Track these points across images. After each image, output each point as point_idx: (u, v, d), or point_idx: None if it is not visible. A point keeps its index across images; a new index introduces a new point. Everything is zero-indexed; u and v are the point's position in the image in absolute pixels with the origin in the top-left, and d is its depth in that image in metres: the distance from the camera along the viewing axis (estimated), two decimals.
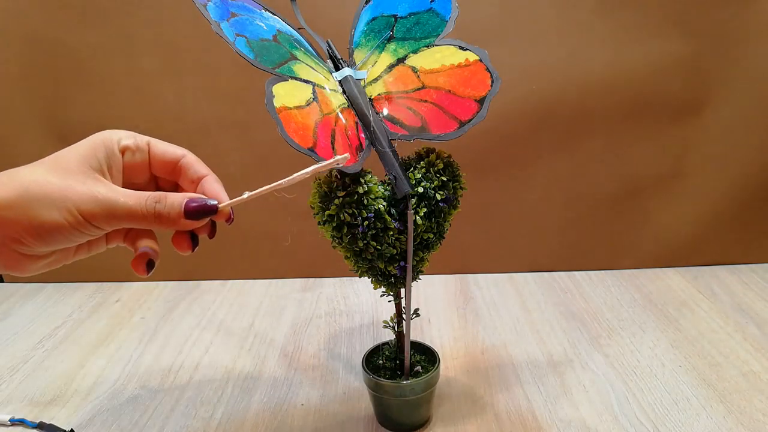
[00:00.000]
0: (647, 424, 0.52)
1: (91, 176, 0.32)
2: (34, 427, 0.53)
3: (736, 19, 0.71)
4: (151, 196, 0.33)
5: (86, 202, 0.31)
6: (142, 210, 0.32)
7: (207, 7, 0.41)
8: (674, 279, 0.79)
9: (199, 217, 0.34)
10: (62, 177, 0.31)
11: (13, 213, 0.29)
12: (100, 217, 0.31)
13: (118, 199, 0.32)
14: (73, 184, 0.31)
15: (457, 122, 0.43)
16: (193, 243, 0.37)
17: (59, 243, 0.32)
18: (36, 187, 0.30)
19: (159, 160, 0.37)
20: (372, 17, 0.49)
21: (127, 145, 0.35)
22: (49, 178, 0.31)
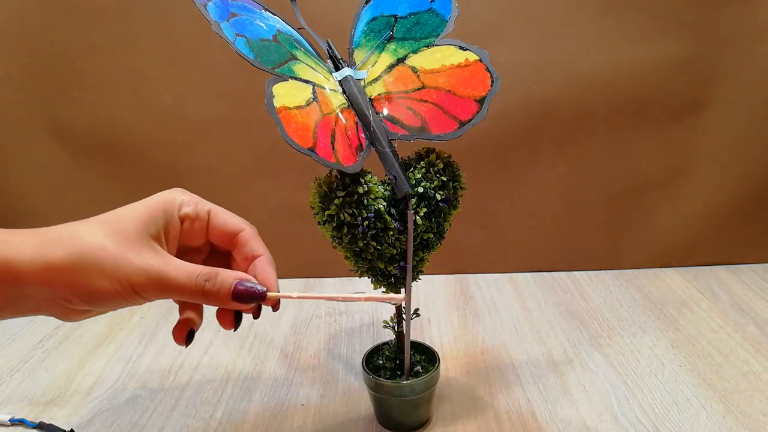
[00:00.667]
0: (647, 424, 0.52)
1: (146, 245, 0.32)
2: (34, 427, 0.53)
3: (736, 19, 0.71)
4: (202, 274, 0.33)
5: (138, 275, 0.31)
6: (191, 286, 0.32)
7: (207, 7, 0.41)
8: (674, 279, 0.79)
9: (246, 302, 0.34)
10: (119, 244, 0.31)
11: (65, 276, 0.29)
12: (149, 290, 0.32)
13: (170, 273, 0.32)
14: (128, 254, 0.31)
15: (457, 122, 0.43)
16: (236, 321, 0.37)
17: (106, 307, 0.33)
18: (91, 253, 0.30)
19: (217, 230, 0.37)
20: (372, 17, 0.49)
21: (188, 214, 0.35)
22: (106, 244, 0.30)
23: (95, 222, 0.32)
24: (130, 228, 0.32)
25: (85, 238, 0.30)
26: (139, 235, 0.32)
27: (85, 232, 0.31)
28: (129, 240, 0.31)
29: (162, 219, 0.33)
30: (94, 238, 0.30)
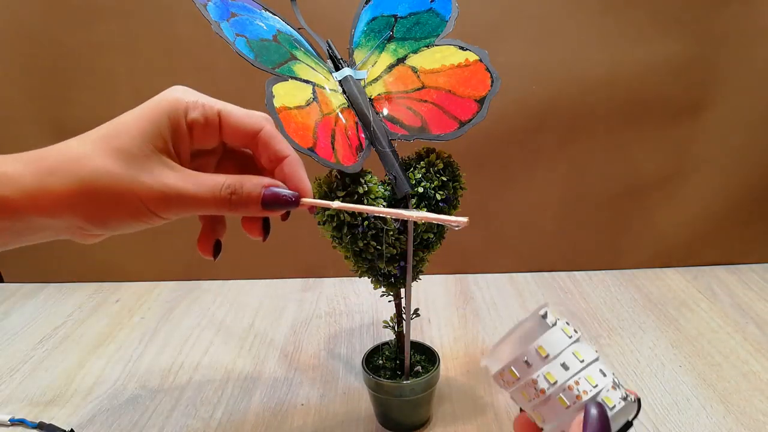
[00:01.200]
0: (647, 424, 0.52)
1: (157, 161, 0.28)
2: (33, 427, 0.53)
3: (736, 20, 0.71)
4: (227, 186, 0.29)
5: (155, 197, 0.28)
6: (216, 200, 0.29)
7: (207, 7, 0.41)
8: (674, 279, 0.79)
9: (277, 209, 0.31)
10: (127, 165, 0.27)
11: (74, 206, 0.27)
12: (169, 210, 0.29)
13: (189, 189, 0.28)
14: (140, 174, 0.27)
15: (457, 122, 0.43)
16: (265, 230, 0.34)
17: (126, 230, 0.30)
18: (98, 179, 0.27)
19: (233, 132, 0.32)
20: (372, 17, 0.49)
21: (196, 119, 0.30)
22: (113, 168, 0.27)
23: (94, 141, 0.28)
24: (135, 144, 0.28)
25: (89, 163, 0.27)
26: (147, 151, 0.28)
27: (86, 156, 0.27)
28: (136, 158, 0.28)
29: (168, 129, 0.29)
30: (97, 161, 0.27)
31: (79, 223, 0.28)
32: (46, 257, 0.84)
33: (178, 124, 0.29)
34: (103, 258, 0.83)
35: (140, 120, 0.28)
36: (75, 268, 0.84)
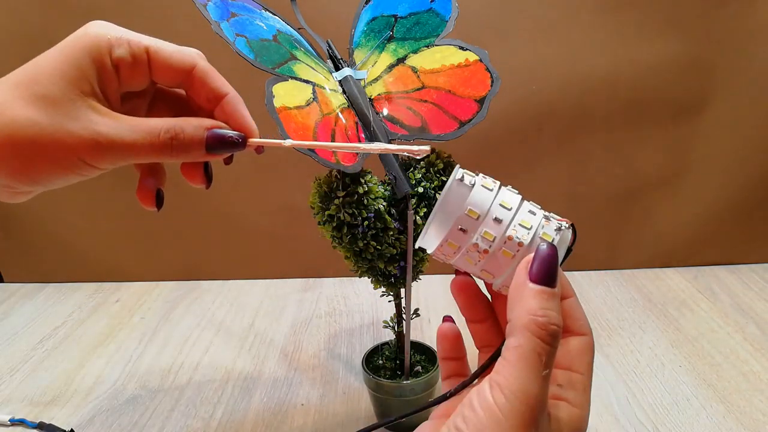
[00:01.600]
0: (647, 424, 0.52)
1: (85, 106, 0.25)
2: (33, 427, 0.53)
3: (736, 19, 0.71)
4: (165, 130, 0.27)
5: (86, 146, 0.25)
6: (154, 147, 0.27)
7: (207, 7, 0.41)
8: (674, 279, 0.79)
9: (222, 152, 0.29)
10: (50, 114, 0.25)
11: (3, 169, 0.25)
12: (103, 160, 0.26)
13: (124, 137, 0.26)
14: (67, 123, 0.25)
15: (457, 122, 0.43)
16: (207, 177, 0.32)
17: (57, 185, 0.27)
18: (19, 131, 0.24)
19: (163, 70, 0.29)
20: (372, 17, 0.49)
21: (122, 57, 0.27)
22: (35, 117, 0.24)
23: (10, 88, 0.25)
24: (58, 89, 0.25)
25: (7, 113, 0.24)
26: (72, 96, 0.25)
27: (3, 105, 0.24)
28: (61, 104, 0.25)
29: (92, 69, 0.26)
30: (17, 111, 0.24)
31: (3, 181, 0.26)
32: (46, 257, 0.84)
33: (102, 64, 0.26)
34: (103, 258, 0.83)
35: (59, 62, 0.25)
36: (75, 268, 0.84)
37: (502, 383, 0.22)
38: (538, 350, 0.22)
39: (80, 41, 0.26)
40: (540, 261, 0.24)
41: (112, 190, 0.78)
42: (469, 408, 0.23)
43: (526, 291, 0.23)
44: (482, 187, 0.26)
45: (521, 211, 0.27)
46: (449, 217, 0.26)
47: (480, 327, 0.30)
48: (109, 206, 0.80)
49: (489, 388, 0.22)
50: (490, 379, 0.23)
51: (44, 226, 0.82)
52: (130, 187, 0.32)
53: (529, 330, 0.22)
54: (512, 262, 0.26)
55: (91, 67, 0.26)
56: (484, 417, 0.22)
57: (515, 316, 0.23)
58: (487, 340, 0.30)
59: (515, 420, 0.21)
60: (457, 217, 0.26)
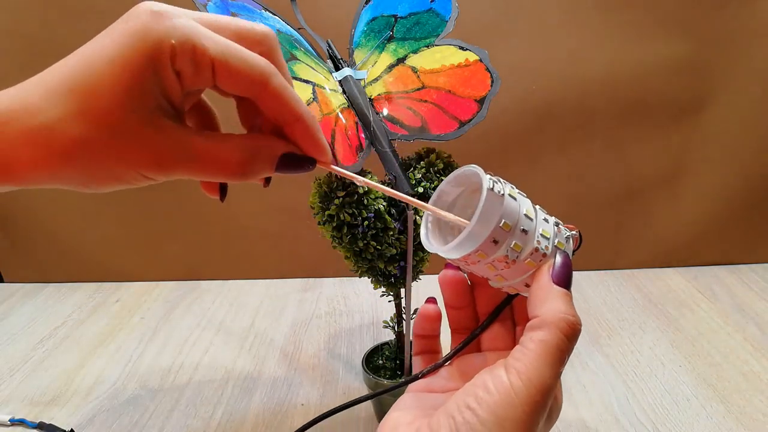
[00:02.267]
0: (647, 425, 0.52)
1: (148, 124, 0.23)
2: (33, 427, 0.53)
3: (736, 19, 0.71)
4: (238, 160, 0.25)
5: (150, 166, 0.24)
6: (224, 172, 0.25)
7: (207, 7, 0.41)
8: (674, 279, 0.79)
9: (287, 173, 0.27)
10: (110, 134, 0.22)
11: (55, 179, 0.23)
12: (165, 177, 0.25)
13: (192, 159, 0.24)
14: (128, 142, 0.23)
15: (457, 122, 0.43)
16: (222, 191, 0.30)
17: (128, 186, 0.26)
18: (76, 152, 0.22)
19: (228, 84, 0.25)
20: (372, 17, 0.49)
21: (184, 69, 0.24)
22: (92, 136, 0.22)
23: (62, 99, 0.22)
24: (118, 108, 0.22)
25: (64, 135, 0.22)
26: (134, 116, 0.23)
27: (58, 124, 0.22)
28: (122, 124, 0.23)
29: (155, 82, 0.23)
30: (72, 130, 0.22)
31: (73, 187, 0.24)
32: (46, 257, 0.84)
33: (165, 74, 0.23)
34: (103, 258, 0.83)
35: (119, 73, 0.22)
36: (75, 268, 0.84)
37: (521, 370, 0.23)
38: (562, 347, 0.24)
39: (140, 45, 0.22)
40: (563, 267, 0.26)
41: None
42: (483, 389, 0.24)
43: (553, 292, 0.25)
44: (510, 197, 0.26)
45: (538, 220, 0.27)
46: (484, 229, 0.25)
47: (459, 313, 0.32)
48: (109, 206, 0.80)
49: (506, 372, 0.24)
50: (506, 364, 0.24)
51: (44, 226, 0.82)
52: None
53: (558, 327, 0.24)
54: (531, 270, 0.27)
55: (153, 80, 0.23)
56: (499, 398, 0.23)
57: (546, 312, 0.25)
58: (464, 324, 0.32)
59: (528, 406, 0.23)
60: (492, 229, 0.25)
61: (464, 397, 0.24)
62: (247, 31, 0.25)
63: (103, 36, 0.23)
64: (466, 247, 0.26)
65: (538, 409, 0.23)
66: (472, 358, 0.31)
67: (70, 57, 0.24)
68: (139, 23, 0.22)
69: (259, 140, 0.26)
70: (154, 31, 0.22)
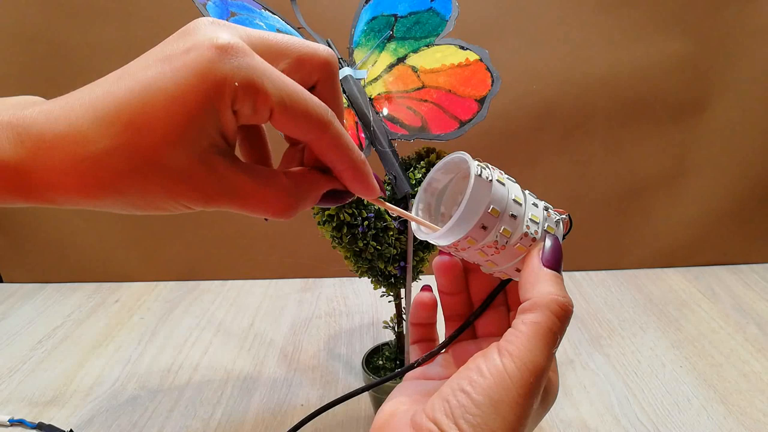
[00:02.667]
0: (648, 425, 0.51)
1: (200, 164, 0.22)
2: (33, 427, 0.53)
3: (736, 19, 0.71)
4: (295, 192, 0.25)
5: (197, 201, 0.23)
6: (269, 211, 0.25)
7: (207, 6, 0.41)
8: (675, 279, 0.79)
9: (326, 206, 0.28)
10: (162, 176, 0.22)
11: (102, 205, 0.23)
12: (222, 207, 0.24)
13: (238, 197, 0.24)
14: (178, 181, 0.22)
15: (458, 122, 0.43)
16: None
17: None
18: (130, 195, 0.22)
19: (284, 129, 0.24)
20: (372, 17, 0.48)
21: (243, 111, 0.23)
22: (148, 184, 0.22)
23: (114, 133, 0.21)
24: (174, 154, 0.21)
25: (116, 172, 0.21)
26: (187, 158, 0.22)
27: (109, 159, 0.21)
28: (175, 167, 0.22)
29: (212, 122, 0.22)
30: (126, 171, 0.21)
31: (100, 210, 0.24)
32: (46, 257, 0.84)
33: (222, 116, 0.22)
34: (102, 258, 0.83)
35: (177, 111, 0.21)
36: (74, 268, 0.84)
37: (513, 352, 0.24)
38: (554, 329, 0.24)
39: (202, 86, 0.21)
40: (552, 250, 0.27)
41: None
42: (477, 372, 0.24)
43: (543, 275, 0.26)
44: (498, 182, 0.26)
45: (527, 204, 0.27)
46: (472, 215, 0.25)
47: (453, 299, 0.32)
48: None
49: (498, 355, 0.24)
50: (499, 347, 0.24)
51: (44, 227, 0.82)
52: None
53: (549, 309, 0.24)
54: (521, 255, 0.27)
55: (211, 119, 0.22)
56: (493, 381, 0.23)
57: (537, 294, 0.25)
58: (458, 310, 0.32)
59: (522, 388, 0.23)
60: (480, 215, 0.25)
61: (458, 381, 0.24)
62: (310, 57, 0.25)
63: (160, 63, 0.22)
64: (456, 234, 0.26)
65: (532, 391, 0.23)
66: (468, 345, 0.32)
67: (122, 79, 0.22)
68: (203, 61, 0.21)
69: (306, 181, 0.26)
70: (219, 71, 0.21)
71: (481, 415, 0.23)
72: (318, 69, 0.25)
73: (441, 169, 0.29)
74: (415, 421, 0.25)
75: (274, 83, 0.22)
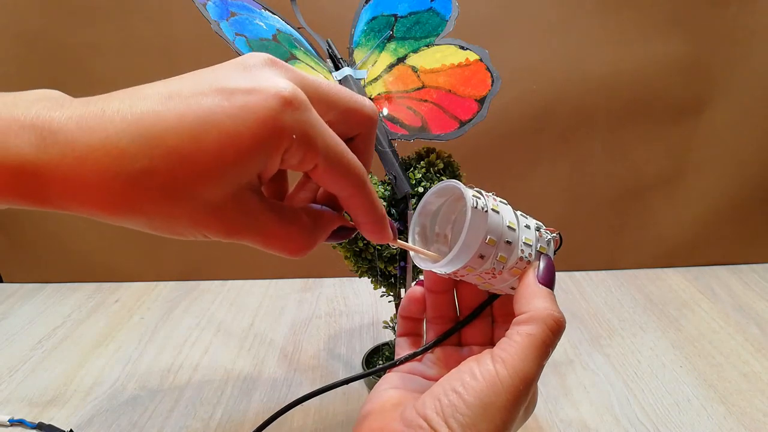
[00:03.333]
0: (648, 425, 0.51)
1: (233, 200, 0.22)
2: (33, 427, 0.53)
3: (736, 19, 0.71)
4: (312, 232, 0.25)
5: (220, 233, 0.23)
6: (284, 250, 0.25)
7: (207, 6, 0.41)
8: (675, 279, 0.79)
9: (332, 241, 0.28)
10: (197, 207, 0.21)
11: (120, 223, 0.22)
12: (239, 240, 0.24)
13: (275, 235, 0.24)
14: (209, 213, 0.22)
15: (458, 122, 0.43)
16: None
17: None
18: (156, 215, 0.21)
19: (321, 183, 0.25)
20: (372, 17, 0.48)
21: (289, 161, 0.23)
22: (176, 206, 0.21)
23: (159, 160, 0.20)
24: (214, 185, 0.21)
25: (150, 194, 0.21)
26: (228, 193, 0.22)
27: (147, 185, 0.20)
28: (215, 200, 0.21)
29: (259, 166, 0.22)
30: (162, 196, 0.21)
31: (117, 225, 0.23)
32: (46, 257, 0.84)
33: (271, 162, 0.22)
34: (102, 258, 0.83)
35: (228, 151, 0.21)
36: (74, 268, 0.84)
37: (507, 360, 0.25)
38: (547, 341, 0.26)
39: (261, 133, 0.21)
40: (546, 270, 0.28)
41: None
42: (470, 375, 0.25)
43: (539, 291, 0.27)
44: (493, 210, 0.27)
45: (521, 228, 0.28)
46: (470, 247, 0.26)
47: (439, 297, 0.33)
48: None
49: (492, 361, 0.25)
50: (493, 354, 0.26)
51: (44, 227, 0.82)
52: None
53: (545, 323, 0.26)
54: (516, 276, 0.28)
55: (258, 166, 0.22)
56: (485, 385, 0.24)
57: (534, 309, 0.26)
58: (443, 311, 0.33)
59: (512, 394, 0.24)
60: (478, 246, 0.26)
61: (451, 382, 0.25)
62: (355, 111, 0.25)
63: (219, 95, 0.21)
64: (455, 264, 0.27)
65: (520, 398, 0.24)
66: (453, 350, 0.32)
67: (171, 100, 0.21)
68: (267, 108, 0.21)
69: (324, 220, 0.26)
70: (281, 122, 0.21)
71: (470, 416, 0.24)
72: (361, 124, 0.26)
73: (435, 193, 0.29)
74: (405, 417, 0.25)
75: (325, 140, 0.22)
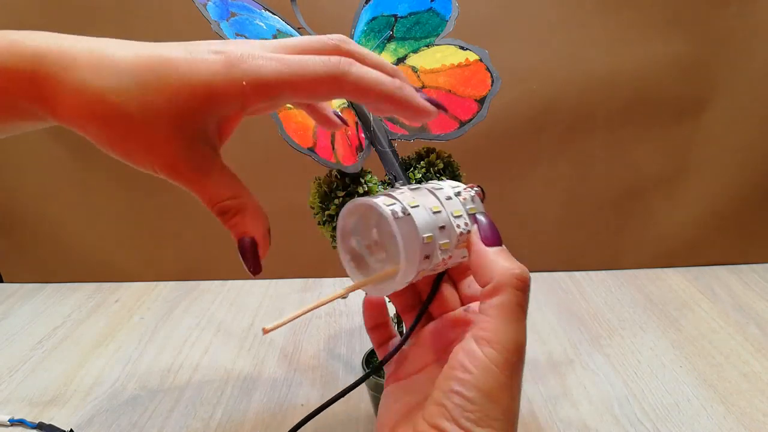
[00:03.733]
0: (648, 425, 0.51)
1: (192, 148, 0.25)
2: (33, 427, 0.53)
3: (736, 19, 0.71)
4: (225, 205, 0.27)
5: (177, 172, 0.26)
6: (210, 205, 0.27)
7: (207, 6, 0.41)
8: (675, 279, 0.79)
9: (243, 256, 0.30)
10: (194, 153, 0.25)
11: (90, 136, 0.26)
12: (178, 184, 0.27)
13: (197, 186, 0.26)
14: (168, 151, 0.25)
15: (458, 122, 0.43)
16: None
17: None
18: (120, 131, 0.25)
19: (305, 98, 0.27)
20: (372, 17, 0.48)
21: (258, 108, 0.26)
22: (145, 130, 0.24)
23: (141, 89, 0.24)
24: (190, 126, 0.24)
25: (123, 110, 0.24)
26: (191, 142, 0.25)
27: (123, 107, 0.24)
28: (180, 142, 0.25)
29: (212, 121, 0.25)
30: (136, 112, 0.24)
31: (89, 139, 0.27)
32: (46, 257, 0.84)
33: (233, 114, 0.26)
34: (102, 258, 0.83)
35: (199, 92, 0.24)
36: (74, 268, 0.84)
37: (492, 339, 0.24)
38: (519, 302, 0.25)
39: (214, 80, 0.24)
40: (488, 229, 0.27)
41: (112, 190, 0.78)
42: (462, 370, 0.24)
43: (491, 255, 0.26)
44: (414, 209, 0.26)
45: (444, 204, 0.27)
46: (412, 258, 0.26)
47: (399, 294, 0.32)
48: (108, 206, 0.79)
49: (477, 346, 0.25)
50: (476, 337, 0.25)
51: (44, 226, 0.82)
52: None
53: (510, 285, 0.25)
54: (464, 247, 0.27)
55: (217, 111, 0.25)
56: (480, 374, 0.24)
57: (493, 276, 0.26)
58: (409, 302, 0.33)
59: (508, 370, 0.24)
60: (419, 252, 0.26)
61: (447, 382, 0.25)
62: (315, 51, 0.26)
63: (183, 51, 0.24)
64: (407, 276, 0.26)
65: (517, 368, 0.25)
66: (432, 326, 0.32)
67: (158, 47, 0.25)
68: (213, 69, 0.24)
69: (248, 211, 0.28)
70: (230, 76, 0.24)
71: (479, 410, 0.24)
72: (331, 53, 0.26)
73: (344, 216, 0.29)
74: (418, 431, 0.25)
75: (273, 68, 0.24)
